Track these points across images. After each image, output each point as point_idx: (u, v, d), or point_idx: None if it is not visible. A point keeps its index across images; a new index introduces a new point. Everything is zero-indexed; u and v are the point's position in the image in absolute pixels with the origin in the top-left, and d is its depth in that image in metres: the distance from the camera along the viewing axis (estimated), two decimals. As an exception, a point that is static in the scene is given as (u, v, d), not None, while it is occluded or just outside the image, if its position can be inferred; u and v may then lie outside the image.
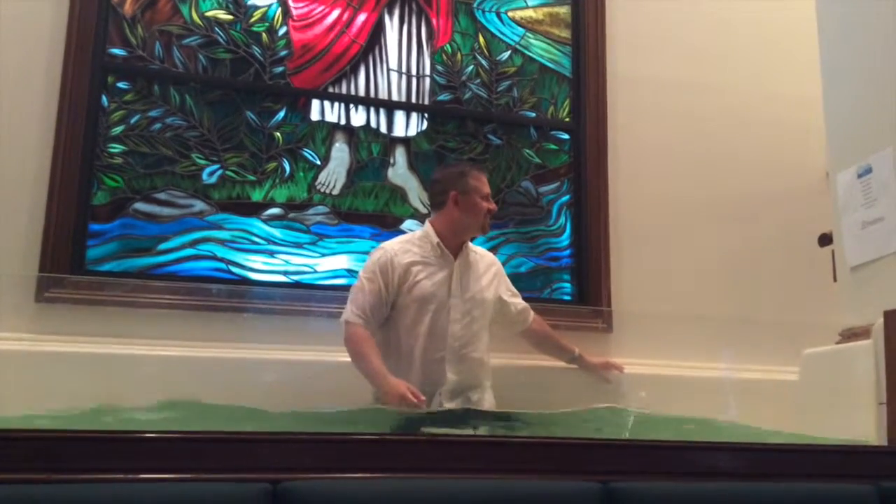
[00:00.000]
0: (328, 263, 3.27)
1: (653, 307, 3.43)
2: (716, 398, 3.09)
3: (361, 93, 3.45)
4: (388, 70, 3.50)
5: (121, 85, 3.16)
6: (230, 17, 3.32)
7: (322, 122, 3.38)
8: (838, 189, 2.44)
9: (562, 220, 3.60)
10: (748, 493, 1.55)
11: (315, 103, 3.39)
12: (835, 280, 2.54)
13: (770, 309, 3.47)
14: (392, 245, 2.79)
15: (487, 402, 2.76)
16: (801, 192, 3.33)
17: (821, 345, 2.41)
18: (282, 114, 3.33)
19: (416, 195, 3.43)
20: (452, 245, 2.79)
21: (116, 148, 3.11)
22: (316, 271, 3.25)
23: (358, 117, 3.43)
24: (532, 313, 3.00)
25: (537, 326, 3.02)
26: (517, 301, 2.97)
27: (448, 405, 2.64)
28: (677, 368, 3.21)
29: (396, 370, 2.60)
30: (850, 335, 2.29)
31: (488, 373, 2.79)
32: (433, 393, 2.63)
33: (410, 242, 2.80)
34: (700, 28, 3.81)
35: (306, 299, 3.10)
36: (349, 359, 2.66)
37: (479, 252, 2.93)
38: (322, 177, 3.34)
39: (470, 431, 2.26)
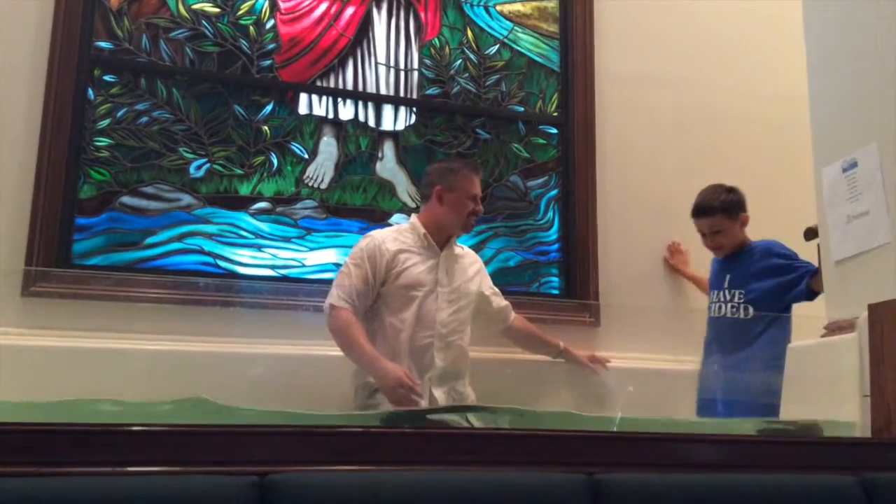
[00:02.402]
0: (316, 257, 3.27)
1: (640, 301, 3.45)
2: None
3: (350, 86, 3.44)
4: (377, 64, 3.49)
5: (107, 78, 3.14)
6: (217, 9, 3.31)
7: (310, 116, 3.37)
8: (823, 184, 2.45)
9: (550, 214, 3.61)
10: (732, 484, 1.56)
11: (303, 97, 3.38)
12: (819, 274, 2.56)
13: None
14: (380, 233, 2.82)
15: (470, 394, 2.78)
16: (786, 186, 3.34)
17: (806, 338, 2.43)
18: (269, 107, 3.32)
19: (405, 189, 3.43)
20: (438, 238, 2.81)
21: (103, 141, 3.09)
22: (304, 265, 3.25)
23: (346, 111, 3.43)
24: (513, 313, 3.02)
25: (519, 324, 3.03)
26: (499, 299, 2.99)
27: (436, 391, 2.65)
28: (664, 362, 3.23)
29: (383, 356, 2.61)
30: (834, 328, 2.30)
31: (469, 365, 2.81)
32: (421, 378, 2.64)
33: (398, 232, 2.84)
34: (688, 23, 3.82)
35: (294, 293, 3.10)
36: (338, 351, 2.66)
37: (463, 248, 2.97)
38: (310, 171, 3.33)
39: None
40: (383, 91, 3.48)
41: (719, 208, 2.94)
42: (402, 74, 3.53)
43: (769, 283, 2.89)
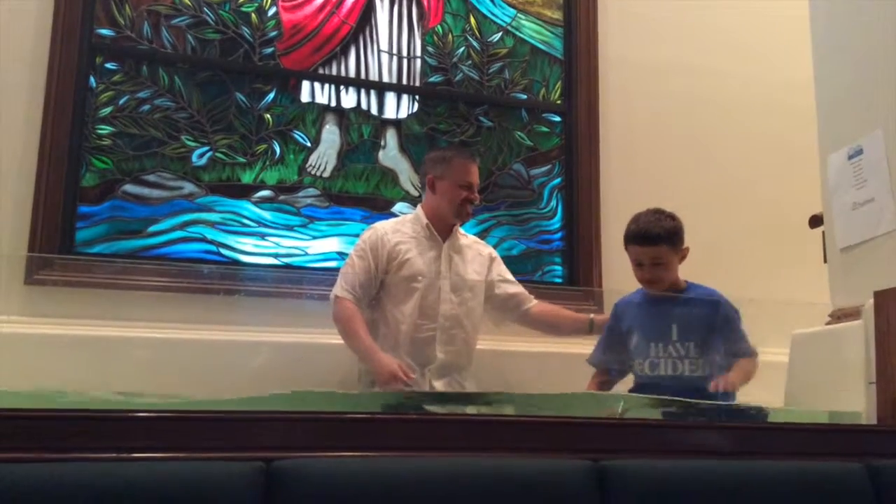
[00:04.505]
0: (319, 246, 3.27)
1: (644, 289, 3.44)
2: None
3: (352, 74, 3.43)
4: (379, 51, 3.48)
5: (109, 66, 3.13)
6: (219, -3, 3.29)
7: (312, 104, 3.36)
8: (829, 171, 2.44)
9: (553, 202, 3.60)
10: (738, 471, 1.56)
11: (305, 85, 3.37)
12: (825, 261, 2.54)
13: (760, 290, 3.48)
14: (383, 225, 2.82)
15: (471, 386, 2.76)
16: (791, 173, 3.33)
17: (810, 326, 2.42)
18: (272, 95, 3.31)
19: (407, 177, 3.42)
20: (440, 228, 2.80)
21: (105, 129, 3.08)
22: (307, 254, 3.24)
23: (348, 99, 3.41)
24: (531, 301, 2.89)
25: (538, 310, 2.89)
26: (508, 286, 2.90)
27: (436, 384, 2.65)
28: (668, 350, 3.21)
29: (384, 347, 2.62)
30: (840, 316, 2.30)
31: (473, 357, 2.79)
32: (421, 371, 2.64)
33: (402, 223, 2.83)
34: (692, 10, 3.80)
35: (297, 282, 3.10)
36: (340, 340, 2.66)
37: (471, 239, 2.92)
38: (312, 159, 3.32)
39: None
40: (386, 79, 3.47)
41: (665, 237, 2.51)
42: (405, 62, 3.51)
43: (718, 340, 2.49)
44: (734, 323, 2.50)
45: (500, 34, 3.64)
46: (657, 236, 2.52)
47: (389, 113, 3.46)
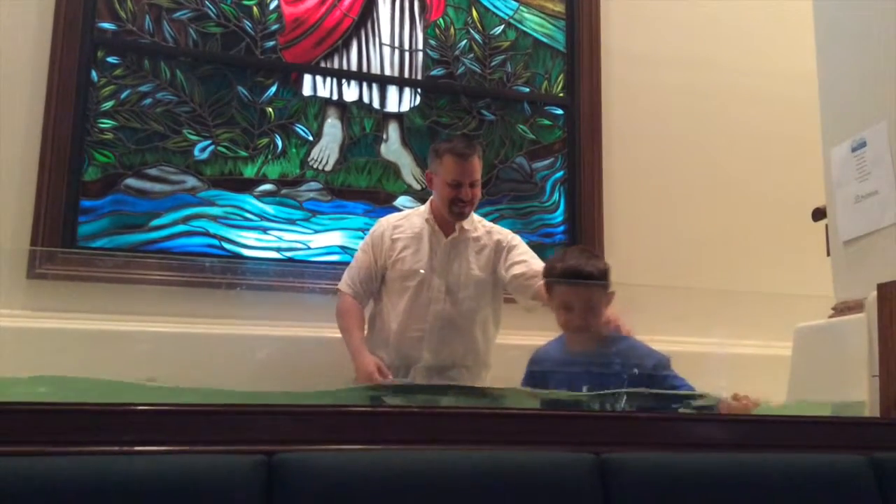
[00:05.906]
0: (321, 240, 3.26)
1: (646, 282, 3.43)
2: (708, 373, 3.09)
3: (354, 67, 3.42)
4: (381, 44, 3.47)
5: (111, 59, 3.13)
6: (221, -10, 3.29)
7: (314, 98, 3.36)
8: (832, 163, 2.43)
9: (556, 196, 3.59)
10: (741, 464, 1.55)
11: (307, 78, 3.36)
12: (828, 254, 2.54)
13: (763, 283, 3.48)
14: (389, 219, 2.79)
15: (476, 384, 2.69)
16: (795, 166, 3.32)
17: (813, 319, 2.41)
18: (273, 89, 3.30)
19: (409, 171, 3.41)
20: (442, 223, 2.72)
21: (107, 123, 3.08)
22: (309, 248, 3.24)
23: (350, 92, 3.41)
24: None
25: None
26: (516, 267, 2.70)
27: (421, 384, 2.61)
28: (670, 343, 3.20)
29: (377, 344, 2.61)
30: (843, 309, 2.29)
31: (481, 355, 2.70)
32: (407, 371, 2.60)
33: (407, 217, 2.79)
34: (694, 1, 3.79)
35: (299, 275, 3.10)
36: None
37: (483, 229, 2.78)
38: (314, 153, 3.32)
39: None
40: (388, 72, 3.46)
41: (599, 276, 2.24)
42: (407, 55, 3.50)
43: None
44: (665, 370, 2.28)
45: (502, 27, 3.63)
46: (591, 275, 2.24)
47: (391, 106, 3.45)
